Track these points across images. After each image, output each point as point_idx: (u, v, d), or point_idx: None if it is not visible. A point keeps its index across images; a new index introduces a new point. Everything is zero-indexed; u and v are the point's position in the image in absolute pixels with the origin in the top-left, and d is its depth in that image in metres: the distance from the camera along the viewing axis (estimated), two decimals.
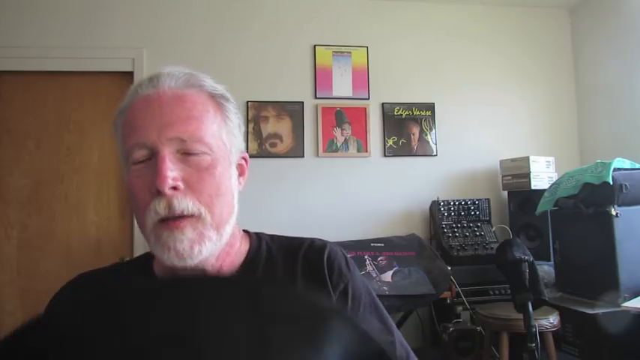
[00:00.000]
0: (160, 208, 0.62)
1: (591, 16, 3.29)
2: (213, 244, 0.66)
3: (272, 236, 0.82)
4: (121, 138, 0.68)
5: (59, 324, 0.28)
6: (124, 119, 0.68)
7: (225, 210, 0.67)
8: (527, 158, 2.91)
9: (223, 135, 0.69)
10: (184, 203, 0.63)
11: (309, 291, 0.34)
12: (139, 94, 0.67)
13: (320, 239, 0.80)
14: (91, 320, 0.27)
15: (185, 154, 0.64)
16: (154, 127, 0.63)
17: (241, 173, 0.75)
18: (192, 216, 0.63)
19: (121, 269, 0.80)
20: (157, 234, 0.64)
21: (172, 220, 0.63)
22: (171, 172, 0.62)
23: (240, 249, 0.76)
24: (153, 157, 0.64)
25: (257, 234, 0.81)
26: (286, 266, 0.75)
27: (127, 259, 1.97)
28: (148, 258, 0.76)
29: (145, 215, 0.64)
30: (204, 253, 0.65)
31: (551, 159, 3.02)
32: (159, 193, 0.62)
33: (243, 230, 0.81)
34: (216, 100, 0.70)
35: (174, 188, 0.62)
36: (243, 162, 0.75)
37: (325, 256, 0.76)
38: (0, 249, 2.74)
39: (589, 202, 2.32)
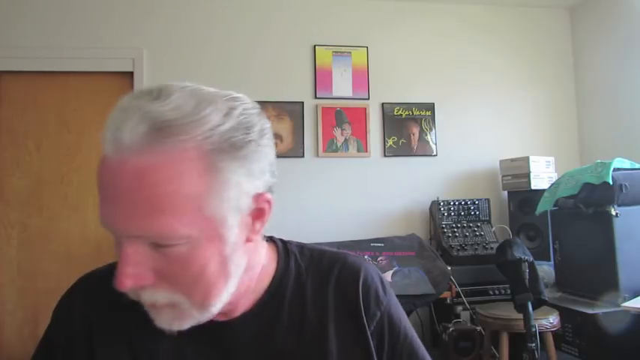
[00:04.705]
0: (130, 295, 0.56)
1: (591, 16, 3.28)
2: (197, 319, 0.58)
3: (301, 248, 0.73)
4: None
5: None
6: (99, 166, 0.54)
7: (211, 290, 0.57)
8: (527, 158, 2.91)
9: (212, 207, 0.53)
10: (155, 296, 0.55)
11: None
12: (106, 146, 0.51)
13: (353, 257, 0.73)
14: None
15: (157, 245, 0.53)
16: (117, 216, 0.52)
17: (258, 217, 0.60)
18: (167, 303, 0.56)
19: None
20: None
21: None
22: (134, 267, 0.53)
23: (267, 271, 0.68)
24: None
25: (285, 246, 0.73)
26: (316, 294, 0.68)
27: None
28: None
29: None
30: (187, 326, 0.58)
31: (551, 159, 3.02)
32: None
33: (270, 238, 0.73)
34: (214, 154, 0.52)
35: (140, 282, 0.54)
36: (263, 205, 0.60)
37: (360, 283, 0.69)
38: (0, 249, 2.74)
39: (589, 202, 2.32)
